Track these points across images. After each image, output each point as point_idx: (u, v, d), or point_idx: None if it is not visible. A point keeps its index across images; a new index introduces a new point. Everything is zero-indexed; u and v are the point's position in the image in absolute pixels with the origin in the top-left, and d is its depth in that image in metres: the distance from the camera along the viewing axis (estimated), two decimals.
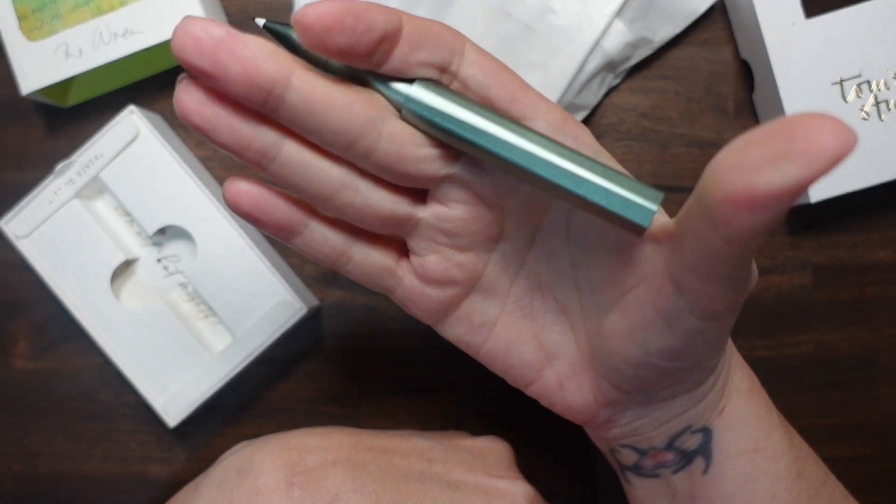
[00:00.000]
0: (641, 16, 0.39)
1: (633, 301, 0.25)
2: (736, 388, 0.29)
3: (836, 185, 0.37)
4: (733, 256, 0.20)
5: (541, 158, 0.23)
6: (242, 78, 0.22)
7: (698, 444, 0.29)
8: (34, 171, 0.42)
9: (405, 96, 0.24)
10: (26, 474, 0.43)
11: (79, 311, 0.39)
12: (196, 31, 0.22)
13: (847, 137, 0.17)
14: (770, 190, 0.17)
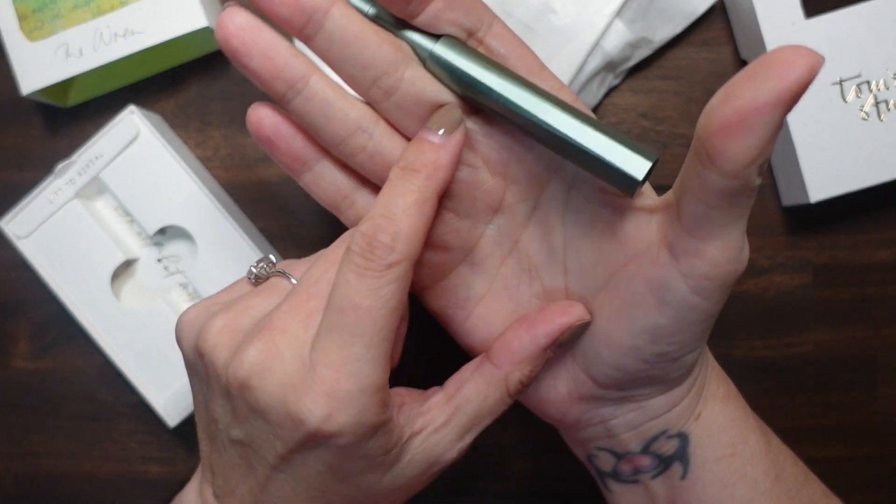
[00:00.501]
0: (641, 16, 0.39)
1: (623, 279, 0.26)
2: (712, 395, 0.29)
3: (836, 185, 0.37)
4: (732, 196, 0.22)
5: (551, 110, 0.25)
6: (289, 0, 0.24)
7: (675, 449, 0.29)
8: (34, 171, 0.42)
9: (431, 47, 0.26)
10: (26, 474, 0.43)
11: (79, 311, 0.39)
12: None
13: (812, 55, 0.19)
14: (754, 105, 0.20)
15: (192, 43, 0.41)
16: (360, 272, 0.24)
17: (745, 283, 0.41)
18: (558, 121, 0.25)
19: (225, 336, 0.26)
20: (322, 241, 0.42)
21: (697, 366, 0.28)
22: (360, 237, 0.24)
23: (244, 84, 0.42)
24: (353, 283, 0.24)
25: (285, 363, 0.24)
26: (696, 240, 0.23)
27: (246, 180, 0.42)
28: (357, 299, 0.24)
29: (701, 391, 0.29)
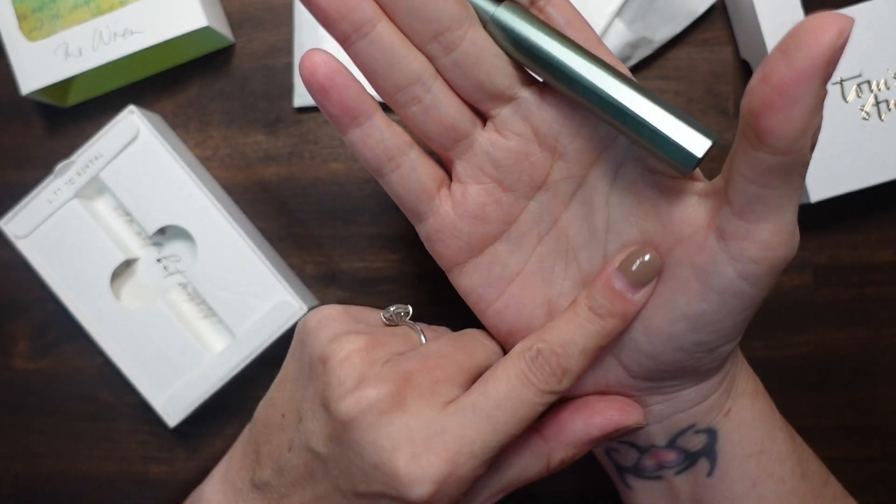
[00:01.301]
0: (641, 16, 0.39)
1: (667, 264, 0.26)
2: (742, 391, 0.29)
3: (836, 185, 0.37)
4: (786, 173, 0.22)
5: (612, 81, 0.24)
6: None
7: (703, 445, 0.29)
8: (34, 171, 0.42)
9: (493, 10, 0.26)
10: (26, 474, 0.43)
11: (79, 311, 0.39)
12: None
13: (841, 18, 0.19)
14: (792, 77, 0.20)
15: (192, 43, 0.41)
16: (525, 381, 0.26)
17: None
18: (619, 92, 0.24)
19: (358, 358, 0.26)
20: (322, 241, 0.42)
21: (730, 359, 0.28)
22: (537, 353, 0.26)
23: (244, 84, 0.42)
24: (516, 388, 0.26)
25: (407, 416, 0.25)
26: (747, 222, 0.23)
27: (246, 180, 0.42)
28: (516, 403, 0.25)
29: (731, 386, 0.29)
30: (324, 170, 0.42)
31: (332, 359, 0.26)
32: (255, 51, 0.42)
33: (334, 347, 0.26)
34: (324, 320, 0.28)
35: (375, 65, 0.26)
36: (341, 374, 0.26)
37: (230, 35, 0.42)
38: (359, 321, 0.29)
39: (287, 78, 0.42)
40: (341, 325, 0.27)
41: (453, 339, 0.28)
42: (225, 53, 0.42)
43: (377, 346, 0.27)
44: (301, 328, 0.29)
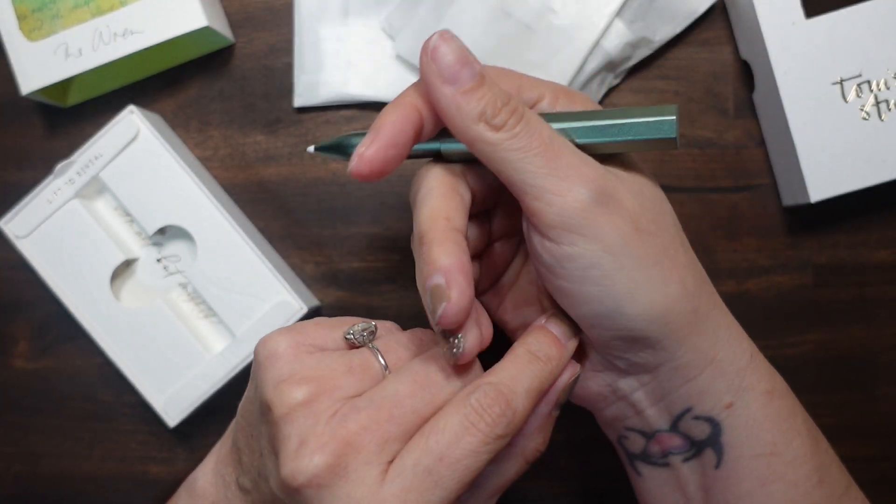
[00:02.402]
0: (641, 16, 0.39)
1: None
2: (750, 387, 0.29)
3: (836, 185, 0.37)
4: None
5: (578, 128, 0.28)
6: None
7: (707, 435, 0.29)
8: (34, 171, 0.42)
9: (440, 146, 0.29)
10: (26, 474, 0.43)
11: (79, 311, 0.39)
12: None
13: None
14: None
15: (192, 43, 0.41)
16: (470, 428, 0.25)
17: (745, 283, 0.41)
18: (587, 136, 0.28)
19: (301, 414, 0.26)
20: (322, 241, 0.42)
21: (684, 330, 0.28)
22: (483, 399, 0.26)
23: (244, 84, 0.42)
24: (461, 437, 0.25)
25: (349, 486, 0.25)
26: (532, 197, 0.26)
27: (245, 180, 0.42)
28: (458, 454, 0.25)
29: (732, 380, 0.29)
30: (324, 170, 0.42)
31: (274, 410, 0.26)
32: (256, 51, 0.42)
33: (276, 398, 0.26)
34: (270, 358, 0.27)
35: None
36: (284, 430, 0.26)
37: (230, 35, 0.42)
38: (312, 349, 0.28)
39: (287, 78, 0.42)
40: (287, 366, 0.27)
41: (416, 372, 0.27)
42: (225, 53, 0.42)
43: (323, 395, 0.26)
44: (255, 356, 0.28)
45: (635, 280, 0.26)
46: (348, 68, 0.41)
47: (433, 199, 0.27)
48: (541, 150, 0.26)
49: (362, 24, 0.41)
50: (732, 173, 0.41)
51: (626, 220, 0.26)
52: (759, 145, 0.41)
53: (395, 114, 0.27)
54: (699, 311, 0.28)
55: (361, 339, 0.29)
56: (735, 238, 0.41)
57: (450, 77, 0.26)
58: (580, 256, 0.26)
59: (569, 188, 0.26)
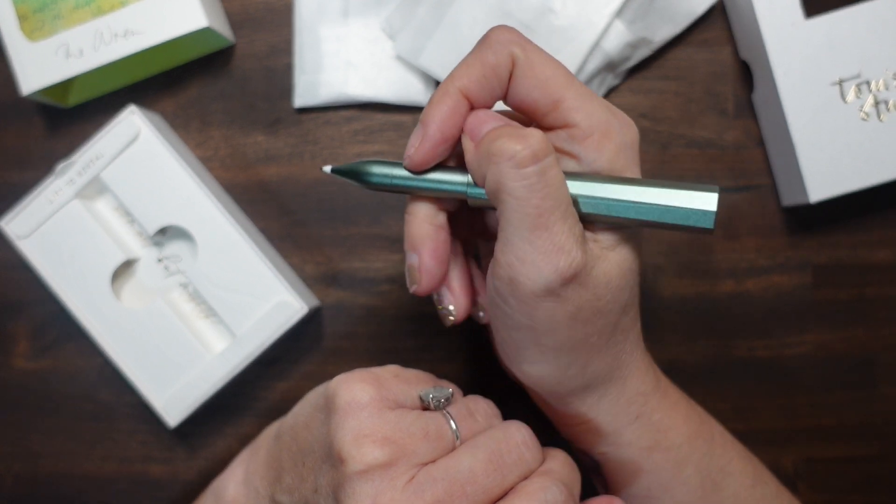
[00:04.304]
0: (641, 16, 0.39)
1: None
2: (627, 444, 0.31)
3: (836, 185, 0.37)
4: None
5: (610, 205, 0.27)
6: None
7: (593, 464, 0.33)
8: (34, 171, 0.42)
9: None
10: (26, 474, 0.43)
11: (79, 311, 0.39)
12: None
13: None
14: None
15: (192, 43, 0.41)
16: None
17: (744, 282, 0.41)
18: (619, 211, 0.27)
19: (378, 475, 0.26)
20: (322, 241, 0.42)
21: (567, 398, 0.30)
22: (557, 499, 0.26)
23: (244, 84, 0.42)
24: None
25: None
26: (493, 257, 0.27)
27: (246, 180, 0.42)
28: None
29: (606, 437, 0.31)
30: None
31: (349, 463, 0.26)
32: (256, 51, 0.42)
33: (355, 452, 0.26)
34: (352, 406, 0.27)
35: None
36: (358, 488, 0.26)
37: (231, 35, 0.42)
38: (392, 405, 0.28)
39: (287, 78, 0.42)
40: (368, 420, 0.27)
41: (490, 449, 0.27)
42: (225, 54, 0.42)
43: (402, 459, 0.26)
44: (330, 399, 0.28)
45: (545, 356, 0.29)
46: (348, 68, 0.41)
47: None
48: (534, 213, 0.26)
49: (362, 24, 0.41)
50: (732, 173, 0.41)
51: (566, 310, 0.27)
52: (758, 145, 0.41)
53: (442, 107, 0.27)
54: (589, 386, 0.30)
55: (437, 404, 0.29)
56: (735, 238, 0.41)
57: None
58: (510, 316, 0.28)
59: (532, 263, 0.26)
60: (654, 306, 0.42)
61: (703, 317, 0.41)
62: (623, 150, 0.28)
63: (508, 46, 0.27)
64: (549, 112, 0.28)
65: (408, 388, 0.29)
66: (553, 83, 0.27)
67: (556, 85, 0.27)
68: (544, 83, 0.27)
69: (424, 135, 0.28)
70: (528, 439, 0.28)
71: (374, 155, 0.42)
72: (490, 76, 0.27)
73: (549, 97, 0.27)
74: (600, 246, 0.28)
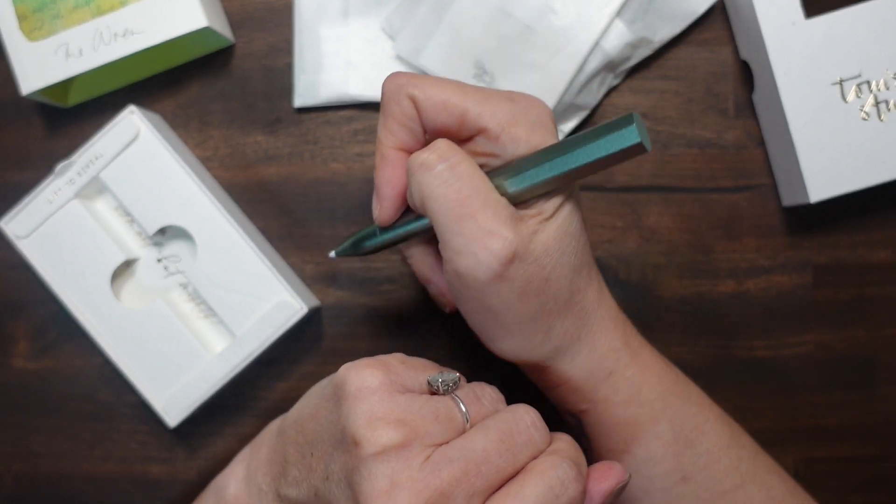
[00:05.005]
0: (641, 16, 0.39)
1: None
2: (604, 399, 0.33)
3: (836, 185, 0.37)
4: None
5: (546, 177, 0.29)
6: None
7: (577, 423, 0.34)
8: (34, 171, 0.42)
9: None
10: (26, 474, 0.43)
11: (79, 311, 0.39)
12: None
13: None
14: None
15: (192, 43, 0.41)
16: (553, 501, 0.26)
17: (744, 282, 0.41)
18: (554, 171, 0.29)
19: (394, 455, 0.26)
20: (322, 241, 0.42)
21: (542, 364, 0.32)
22: (566, 475, 0.27)
23: (244, 84, 0.42)
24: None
25: None
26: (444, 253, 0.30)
27: (246, 180, 0.42)
28: None
29: (585, 394, 0.33)
30: (324, 170, 0.42)
31: (365, 446, 0.26)
32: (256, 51, 0.42)
33: (370, 434, 0.26)
34: (363, 391, 0.27)
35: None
36: (374, 469, 0.26)
37: (230, 35, 0.42)
38: (401, 390, 0.28)
39: (287, 78, 0.42)
40: (379, 404, 0.27)
41: (501, 430, 0.28)
42: (225, 54, 0.42)
43: (416, 440, 0.26)
44: (339, 386, 0.28)
45: (508, 331, 0.31)
46: (348, 68, 0.41)
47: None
48: (454, 205, 0.28)
49: (362, 24, 0.41)
50: (732, 173, 0.41)
51: (514, 287, 0.29)
52: (759, 145, 0.41)
53: (385, 169, 0.31)
54: (559, 348, 0.32)
55: (446, 388, 0.29)
56: (735, 238, 0.41)
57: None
58: (466, 303, 0.30)
59: (467, 253, 0.28)
60: (654, 306, 0.41)
61: (703, 317, 0.41)
62: (534, 128, 0.30)
63: (404, 91, 0.30)
64: (461, 126, 0.30)
65: (415, 373, 0.29)
66: (451, 103, 0.30)
67: (453, 104, 0.30)
68: (444, 107, 0.30)
69: (380, 196, 0.32)
70: (536, 421, 0.28)
71: (374, 155, 0.42)
72: (406, 123, 0.31)
73: (452, 116, 0.30)
74: (537, 219, 0.30)
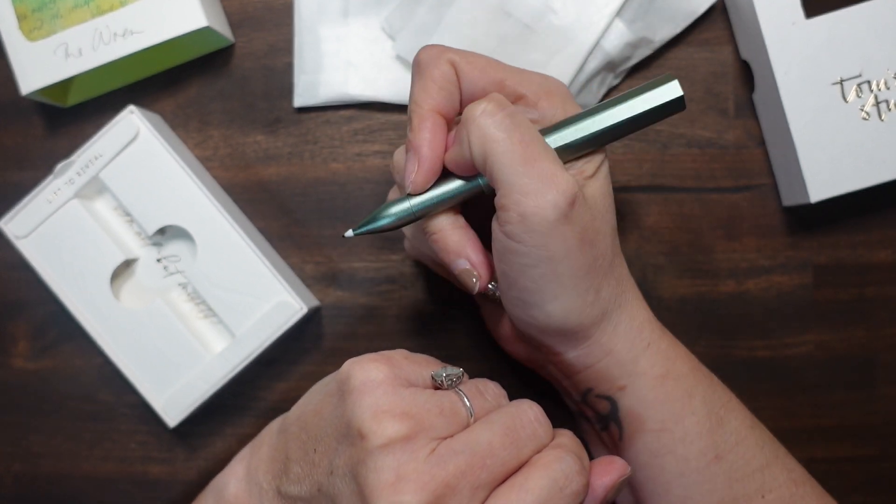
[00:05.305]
0: (641, 16, 0.39)
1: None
2: (643, 373, 0.32)
3: (836, 185, 0.37)
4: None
5: (589, 132, 0.31)
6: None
7: (609, 410, 0.33)
8: (34, 171, 0.42)
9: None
10: (26, 474, 0.43)
11: (79, 311, 0.39)
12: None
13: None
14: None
15: (191, 43, 0.41)
16: (556, 494, 0.27)
17: (745, 282, 0.41)
18: (604, 121, 0.31)
19: (399, 447, 0.26)
20: (322, 241, 0.42)
21: (590, 330, 0.32)
22: (569, 469, 0.27)
23: (244, 84, 0.42)
24: (546, 500, 0.27)
25: None
26: (502, 196, 0.29)
27: (245, 180, 0.42)
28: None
29: (625, 367, 0.32)
30: (324, 170, 0.42)
31: (370, 439, 0.26)
32: (255, 51, 0.42)
33: (375, 427, 0.26)
34: (368, 385, 0.27)
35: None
36: (379, 461, 0.26)
37: (230, 35, 0.42)
38: (406, 384, 0.28)
39: (287, 78, 0.42)
40: (385, 397, 0.27)
41: (505, 424, 0.28)
42: (225, 53, 0.42)
43: (421, 433, 0.26)
44: (343, 381, 0.28)
45: (564, 287, 0.30)
46: (348, 68, 0.41)
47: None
48: (520, 148, 0.29)
49: (362, 24, 0.41)
50: (732, 173, 0.41)
51: (575, 232, 0.29)
52: (759, 145, 0.41)
53: (424, 130, 0.31)
54: (606, 312, 0.32)
55: (450, 383, 0.29)
56: (735, 238, 0.41)
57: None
58: (526, 255, 0.29)
59: (536, 193, 0.28)
60: (654, 306, 0.41)
61: (703, 317, 0.41)
62: (566, 100, 0.32)
63: (443, 56, 0.31)
64: (499, 92, 0.31)
65: (419, 368, 0.29)
66: (490, 69, 0.31)
67: (493, 70, 0.31)
68: (484, 71, 0.31)
69: (420, 158, 0.31)
70: (539, 415, 0.29)
71: (374, 155, 0.42)
72: (446, 86, 0.31)
73: (492, 81, 0.31)
74: (580, 177, 0.31)
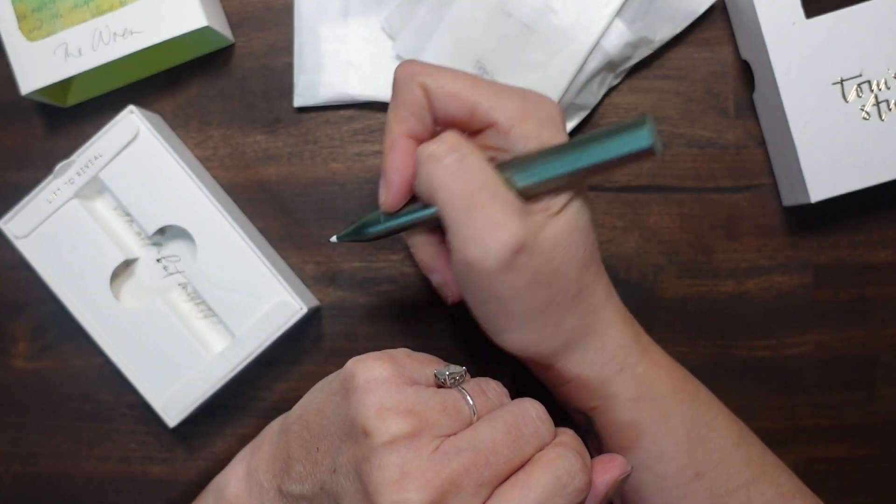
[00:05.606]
0: (641, 16, 0.39)
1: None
2: (615, 396, 0.33)
3: (836, 185, 0.37)
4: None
5: (555, 174, 0.29)
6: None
7: (586, 422, 0.34)
8: (34, 171, 0.42)
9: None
10: (26, 474, 0.43)
11: (79, 311, 0.39)
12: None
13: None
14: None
15: (191, 43, 0.41)
16: (559, 491, 0.27)
17: (745, 283, 0.41)
18: (564, 169, 0.29)
19: (404, 445, 0.26)
20: (322, 241, 0.42)
21: (551, 358, 0.32)
22: (572, 466, 0.27)
23: (244, 84, 0.42)
24: (548, 498, 0.26)
25: None
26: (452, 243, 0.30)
27: (245, 180, 0.42)
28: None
29: (595, 390, 0.33)
30: (324, 170, 0.42)
31: (375, 437, 0.26)
32: (255, 51, 0.42)
33: (379, 424, 0.26)
34: (372, 383, 0.28)
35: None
36: (384, 458, 0.26)
37: (230, 35, 0.42)
38: (409, 382, 0.28)
39: (287, 78, 0.42)
40: (389, 395, 0.27)
41: (508, 422, 0.28)
42: (225, 53, 0.42)
43: (425, 430, 0.27)
44: (347, 379, 0.28)
45: (516, 322, 0.31)
46: (348, 68, 0.41)
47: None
48: (463, 195, 0.29)
49: (362, 24, 0.41)
50: (732, 173, 0.41)
51: (523, 276, 0.29)
52: (759, 145, 0.41)
53: (394, 155, 0.31)
54: (569, 342, 0.32)
55: (453, 381, 0.29)
56: (735, 238, 0.41)
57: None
58: (476, 293, 0.30)
59: (476, 241, 0.28)
60: (654, 306, 0.41)
61: (703, 317, 0.41)
62: (544, 125, 0.30)
63: (416, 79, 0.30)
64: (471, 119, 0.30)
65: (421, 366, 0.30)
66: (462, 95, 0.30)
67: (465, 95, 0.30)
68: (454, 97, 0.30)
69: (388, 182, 0.31)
70: (541, 414, 0.29)
71: (374, 154, 0.42)
72: (416, 111, 0.31)
73: (464, 107, 0.30)
74: (545, 214, 0.30)
